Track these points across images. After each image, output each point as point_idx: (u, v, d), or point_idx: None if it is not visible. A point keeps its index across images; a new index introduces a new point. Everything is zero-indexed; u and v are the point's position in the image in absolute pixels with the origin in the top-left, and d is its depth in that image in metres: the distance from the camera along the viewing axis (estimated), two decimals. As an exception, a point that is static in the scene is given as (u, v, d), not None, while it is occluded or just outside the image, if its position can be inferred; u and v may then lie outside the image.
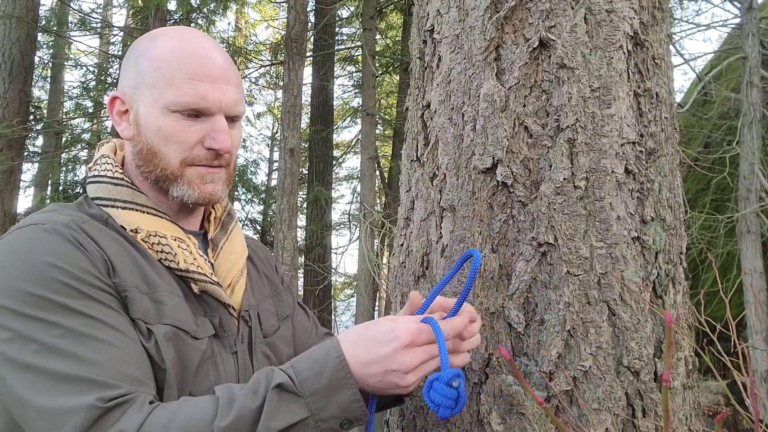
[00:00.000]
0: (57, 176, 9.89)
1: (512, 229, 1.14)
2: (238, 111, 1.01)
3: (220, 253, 1.06)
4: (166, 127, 0.96)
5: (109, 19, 12.50)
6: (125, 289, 0.88)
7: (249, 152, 18.27)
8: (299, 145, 7.22)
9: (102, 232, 0.93)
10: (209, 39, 1.04)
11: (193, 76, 0.95)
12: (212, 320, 0.98)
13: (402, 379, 0.84)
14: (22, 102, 7.24)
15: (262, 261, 1.22)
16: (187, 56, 0.96)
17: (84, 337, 0.81)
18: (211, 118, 0.97)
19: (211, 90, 0.96)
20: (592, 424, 1.04)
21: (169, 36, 1.00)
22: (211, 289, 0.97)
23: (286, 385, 0.82)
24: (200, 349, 0.93)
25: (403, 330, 0.84)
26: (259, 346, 1.05)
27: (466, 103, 1.23)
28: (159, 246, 0.95)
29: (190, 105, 0.95)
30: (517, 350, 1.11)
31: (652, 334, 1.10)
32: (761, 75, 5.76)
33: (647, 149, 1.18)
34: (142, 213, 0.98)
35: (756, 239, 5.50)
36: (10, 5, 7.26)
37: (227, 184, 1.04)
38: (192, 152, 0.97)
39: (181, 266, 0.95)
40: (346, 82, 13.98)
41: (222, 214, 1.13)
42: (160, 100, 0.95)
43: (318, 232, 9.36)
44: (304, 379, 0.83)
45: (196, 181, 0.99)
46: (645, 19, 1.23)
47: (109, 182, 0.99)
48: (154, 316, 0.89)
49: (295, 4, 7.01)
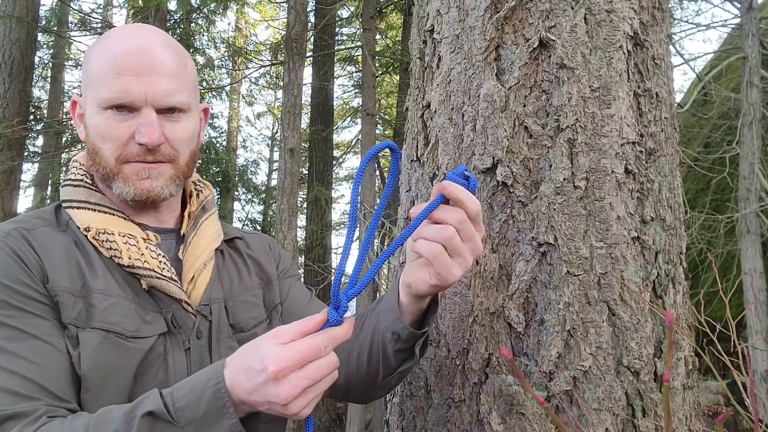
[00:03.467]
0: (57, 176, 9.88)
1: (512, 229, 1.14)
2: (172, 102, 0.97)
3: (188, 248, 1.04)
4: (101, 125, 0.96)
5: (109, 19, 12.49)
6: (56, 295, 0.89)
7: (249, 152, 18.31)
8: (299, 145, 7.22)
9: (48, 238, 0.94)
10: (154, 33, 1.01)
11: (118, 71, 0.94)
12: (165, 316, 0.97)
13: (286, 410, 0.76)
14: (22, 102, 7.24)
15: (256, 252, 1.19)
16: (118, 52, 0.95)
17: (2, 349, 0.83)
18: (139, 112, 0.96)
19: (135, 83, 0.94)
20: (592, 424, 1.04)
21: (111, 35, 1.00)
22: (158, 284, 0.96)
23: (159, 413, 0.76)
24: (140, 349, 0.91)
25: (272, 358, 0.75)
26: (225, 341, 1.02)
27: (466, 103, 1.23)
28: (107, 243, 0.96)
29: (114, 100, 0.94)
30: (517, 350, 1.11)
31: (652, 334, 1.10)
32: (761, 75, 5.76)
33: (647, 149, 1.18)
34: (93, 211, 0.99)
35: (756, 239, 5.50)
36: (10, 5, 7.25)
37: (175, 180, 1.01)
38: (126, 149, 0.97)
39: (126, 262, 0.95)
40: (346, 82, 13.99)
41: (196, 209, 1.11)
42: (95, 98, 0.96)
43: (318, 232, 9.36)
44: (181, 408, 0.77)
45: (132, 177, 0.98)
46: (645, 19, 1.23)
47: (69, 184, 1.02)
48: (84, 321, 0.89)
49: (295, 4, 7.01)
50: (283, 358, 0.75)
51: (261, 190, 14.84)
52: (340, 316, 0.83)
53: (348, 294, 0.84)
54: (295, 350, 0.77)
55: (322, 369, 0.78)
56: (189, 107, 1.01)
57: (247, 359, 0.78)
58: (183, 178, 1.04)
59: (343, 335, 0.82)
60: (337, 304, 0.83)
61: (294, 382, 0.76)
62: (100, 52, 0.97)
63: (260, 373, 0.75)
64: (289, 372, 0.76)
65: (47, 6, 9.68)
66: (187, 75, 1.02)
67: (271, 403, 0.76)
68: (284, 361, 0.75)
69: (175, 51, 1.01)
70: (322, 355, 0.79)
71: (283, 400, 0.75)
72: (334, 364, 0.80)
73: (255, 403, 0.77)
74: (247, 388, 0.77)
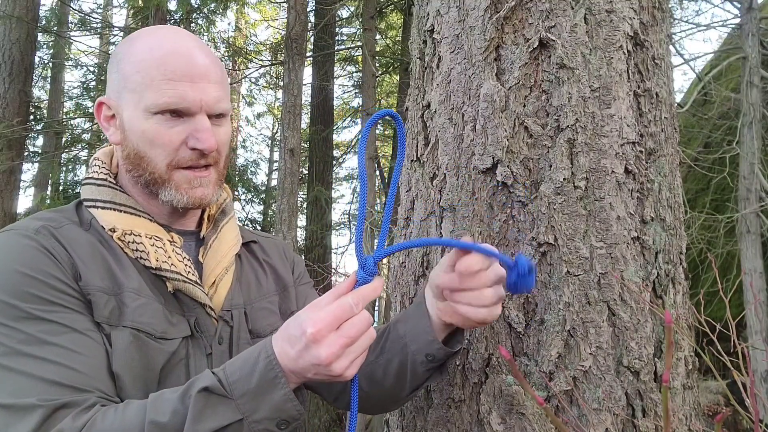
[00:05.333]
0: (57, 176, 9.88)
1: (512, 229, 1.14)
2: (221, 109, 1.00)
3: (209, 252, 1.05)
4: (150, 131, 0.96)
5: (109, 19, 12.50)
6: (89, 293, 0.89)
7: (249, 152, 18.29)
8: (299, 145, 7.22)
9: (76, 236, 0.94)
10: (190, 37, 1.02)
11: (171, 77, 0.94)
12: (189, 320, 0.98)
13: (330, 371, 0.80)
14: (22, 102, 7.23)
15: (271, 256, 1.20)
16: (166, 56, 0.95)
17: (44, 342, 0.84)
18: (193, 118, 0.96)
19: (190, 89, 0.95)
20: (592, 424, 1.04)
21: (148, 37, 0.99)
22: (184, 288, 0.97)
23: (213, 388, 0.80)
24: (166, 351, 0.93)
25: (308, 321, 0.79)
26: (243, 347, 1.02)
27: (466, 103, 1.23)
28: (134, 245, 0.96)
29: (169, 106, 0.94)
30: (517, 350, 1.11)
31: (652, 334, 1.10)
32: (761, 75, 5.76)
33: (647, 149, 1.18)
34: (119, 212, 0.99)
35: (756, 239, 5.50)
36: (10, 5, 7.25)
37: (218, 185, 1.04)
38: (177, 154, 0.97)
39: (153, 264, 0.95)
40: (346, 82, 13.99)
41: (216, 212, 1.12)
42: (141, 103, 0.95)
43: (318, 232, 9.35)
44: (234, 381, 0.80)
45: (184, 185, 0.99)
46: (645, 19, 1.23)
47: (93, 183, 1.01)
48: (116, 319, 0.90)
49: (295, 4, 7.01)
50: (317, 320, 0.79)
51: (261, 190, 14.83)
52: (369, 275, 0.87)
53: (375, 256, 0.88)
54: (326, 311, 0.81)
55: (356, 326, 0.81)
56: (229, 112, 1.04)
57: (288, 329, 0.82)
58: (222, 181, 1.06)
59: (371, 292, 0.85)
60: (363, 263, 0.87)
61: (332, 340, 0.79)
62: (140, 55, 0.96)
63: (300, 338, 0.79)
64: (327, 332, 0.79)
65: (47, 6, 9.68)
66: (226, 80, 1.05)
67: (316, 366, 0.80)
68: (319, 322, 0.79)
69: (214, 56, 1.03)
70: (354, 313, 0.82)
71: (325, 360, 0.79)
72: (368, 321, 0.83)
73: (302, 369, 0.81)
74: (292, 355, 0.80)
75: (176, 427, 0.78)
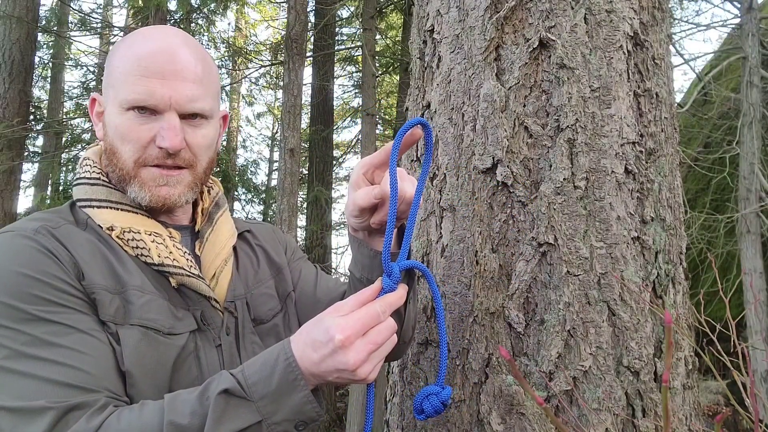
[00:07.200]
0: (57, 176, 9.87)
1: (512, 229, 1.14)
2: (195, 108, 0.97)
3: (206, 245, 1.05)
4: (122, 126, 0.96)
5: (109, 19, 12.49)
6: (93, 292, 0.89)
7: (249, 152, 18.30)
8: (299, 145, 7.22)
9: (74, 236, 0.94)
10: (180, 37, 1.01)
11: (144, 73, 0.94)
12: (194, 314, 0.98)
13: (354, 375, 0.81)
14: (22, 102, 7.23)
15: (264, 241, 1.20)
16: (145, 53, 0.95)
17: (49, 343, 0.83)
18: (162, 116, 0.96)
19: (160, 86, 0.94)
20: (592, 424, 1.04)
21: (138, 35, 0.99)
22: (189, 282, 0.97)
23: (233, 390, 0.80)
24: (176, 345, 0.93)
25: (336, 328, 0.80)
26: (248, 336, 1.04)
27: (466, 103, 1.23)
28: (134, 242, 0.96)
29: (137, 102, 0.94)
30: (517, 350, 1.11)
31: (652, 334, 1.10)
32: (761, 75, 5.76)
33: (647, 149, 1.18)
34: (116, 210, 0.98)
35: (756, 239, 5.50)
36: (10, 5, 7.25)
37: (192, 188, 1.02)
38: (145, 152, 0.96)
39: (155, 261, 0.95)
40: (346, 82, 13.99)
41: (209, 205, 1.12)
42: (117, 98, 0.95)
43: (318, 232, 9.35)
44: (254, 383, 0.81)
45: (150, 183, 0.98)
46: (645, 19, 1.23)
47: (86, 183, 1.01)
48: (122, 317, 0.90)
49: (295, 4, 7.01)
50: (346, 327, 0.80)
51: (261, 190, 14.83)
52: (394, 283, 0.88)
53: (401, 265, 0.91)
54: (356, 318, 0.82)
55: (383, 333, 0.83)
56: (211, 114, 1.02)
57: (311, 333, 0.82)
58: (200, 184, 1.04)
59: (397, 300, 0.87)
60: (390, 271, 0.89)
61: (360, 347, 0.81)
62: (125, 51, 0.97)
63: (327, 344, 0.80)
64: (355, 339, 0.81)
65: (47, 6, 9.68)
66: (211, 81, 1.02)
67: (340, 371, 0.81)
68: (348, 329, 0.80)
69: (201, 56, 1.01)
70: (381, 320, 0.84)
71: (352, 365, 0.80)
72: (393, 328, 0.85)
73: (324, 373, 0.81)
74: (315, 359, 0.81)
75: (196, 428, 0.78)
